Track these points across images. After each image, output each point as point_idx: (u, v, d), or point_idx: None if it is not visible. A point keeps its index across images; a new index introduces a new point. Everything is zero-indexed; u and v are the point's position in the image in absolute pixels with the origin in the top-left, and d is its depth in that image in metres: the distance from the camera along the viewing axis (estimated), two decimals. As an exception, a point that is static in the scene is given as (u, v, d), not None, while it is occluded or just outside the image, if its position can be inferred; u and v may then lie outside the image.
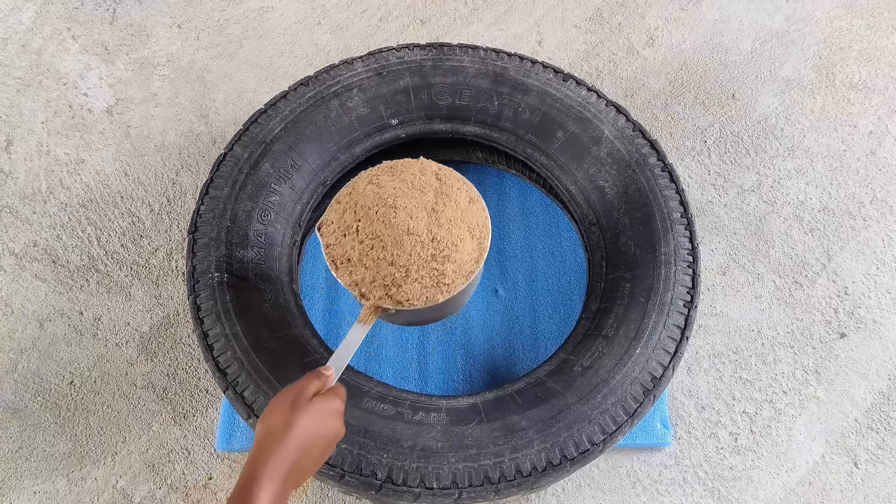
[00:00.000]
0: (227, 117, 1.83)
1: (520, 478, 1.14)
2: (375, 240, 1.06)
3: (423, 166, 1.15)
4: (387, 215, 1.06)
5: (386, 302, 1.06)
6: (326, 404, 0.88)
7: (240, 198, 1.33)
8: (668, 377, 1.24)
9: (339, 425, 0.89)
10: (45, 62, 1.90)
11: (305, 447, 0.83)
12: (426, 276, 1.06)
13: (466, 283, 1.09)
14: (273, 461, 0.80)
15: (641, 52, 1.93)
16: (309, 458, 0.84)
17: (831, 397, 1.50)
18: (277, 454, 0.81)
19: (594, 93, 1.47)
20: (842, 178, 1.73)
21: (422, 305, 1.06)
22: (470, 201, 1.13)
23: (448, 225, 1.08)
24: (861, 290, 1.60)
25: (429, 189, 1.11)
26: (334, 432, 0.88)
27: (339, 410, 0.89)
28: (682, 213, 1.37)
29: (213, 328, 1.22)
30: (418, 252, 1.05)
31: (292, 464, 0.82)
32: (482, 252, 1.11)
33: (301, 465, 0.83)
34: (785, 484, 1.42)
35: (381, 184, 1.11)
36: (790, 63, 1.90)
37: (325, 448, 0.87)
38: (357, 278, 1.08)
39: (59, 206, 1.69)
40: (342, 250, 1.09)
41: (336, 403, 0.89)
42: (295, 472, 0.82)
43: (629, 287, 1.32)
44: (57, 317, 1.57)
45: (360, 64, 1.46)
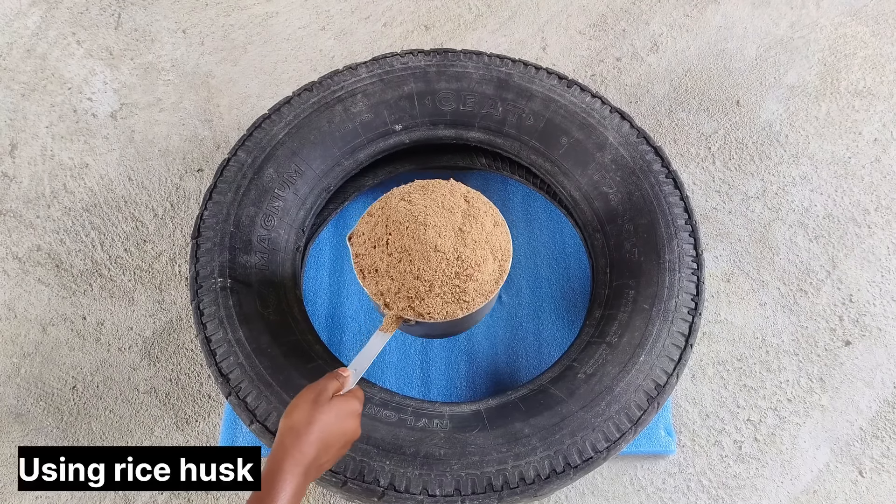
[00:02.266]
0: (230, 122, 1.83)
1: (523, 485, 1.14)
2: (403, 253, 1.11)
3: (452, 188, 1.20)
4: (416, 231, 1.11)
5: (408, 313, 1.10)
6: (345, 405, 0.93)
7: (243, 203, 1.34)
8: (673, 385, 1.24)
9: (357, 425, 0.95)
10: (50, 67, 1.90)
11: (325, 443, 0.89)
12: (448, 292, 1.11)
13: (485, 303, 1.14)
14: (295, 455, 0.86)
15: (646, 59, 1.92)
16: (327, 454, 0.90)
17: (836, 405, 1.49)
18: (299, 449, 0.86)
19: (598, 99, 1.47)
20: (846, 186, 1.73)
21: (441, 319, 1.11)
22: (495, 224, 1.18)
23: (473, 245, 1.13)
24: (866, 297, 1.59)
25: (457, 210, 1.16)
26: (352, 431, 0.94)
27: (356, 411, 0.95)
28: (687, 219, 1.37)
29: (216, 333, 1.22)
30: (443, 269, 1.10)
31: (312, 458, 0.87)
32: (502, 274, 1.16)
33: (319, 460, 0.88)
34: (789, 493, 1.41)
35: (413, 201, 1.16)
36: (795, 70, 1.90)
37: (343, 446, 0.93)
38: (383, 288, 1.13)
39: (62, 211, 1.69)
40: (371, 261, 1.14)
41: (354, 405, 0.95)
42: (314, 466, 0.88)
43: (633, 294, 1.32)
44: (60, 321, 1.57)
45: (365, 69, 1.46)
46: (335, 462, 0.95)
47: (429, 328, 1.19)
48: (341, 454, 0.94)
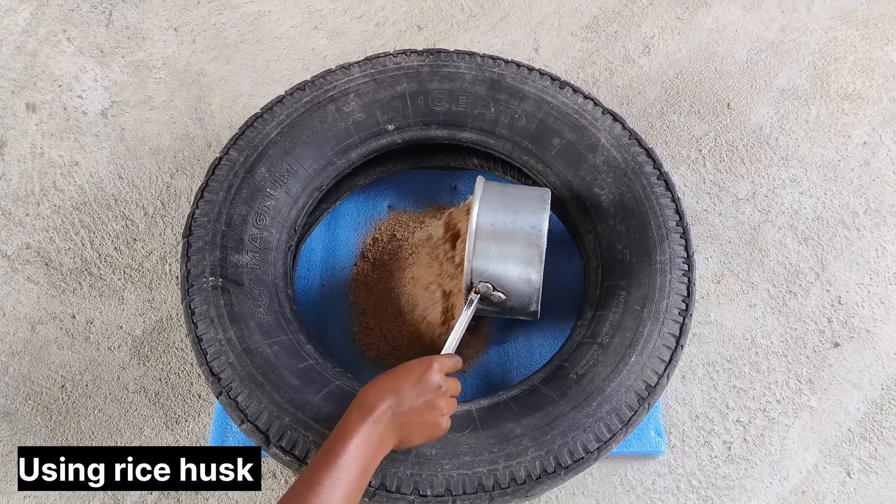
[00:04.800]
0: (222, 121, 1.83)
1: (514, 485, 1.14)
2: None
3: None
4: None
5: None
6: (455, 388, 1.04)
7: (235, 202, 1.33)
8: (663, 386, 1.25)
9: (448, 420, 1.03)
10: (40, 64, 1.89)
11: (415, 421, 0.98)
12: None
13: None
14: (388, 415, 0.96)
15: (637, 61, 1.93)
16: (415, 428, 0.99)
17: (825, 407, 1.50)
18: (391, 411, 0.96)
19: (591, 100, 1.47)
20: (836, 188, 1.74)
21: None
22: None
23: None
24: (854, 299, 1.61)
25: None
26: (445, 424, 1.02)
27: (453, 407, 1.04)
28: (678, 221, 1.37)
29: (207, 333, 1.22)
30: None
31: (399, 425, 0.97)
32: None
33: (405, 429, 0.98)
34: (778, 493, 1.42)
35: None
36: (785, 73, 1.91)
37: (430, 432, 1.01)
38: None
39: (52, 209, 1.68)
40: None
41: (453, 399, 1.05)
42: (403, 429, 0.96)
43: (624, 295, 1.32)
44: (49, 320, 1.55)
45: (357, 69, 1.46)
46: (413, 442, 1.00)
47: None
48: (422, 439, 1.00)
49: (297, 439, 1.14)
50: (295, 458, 1.13)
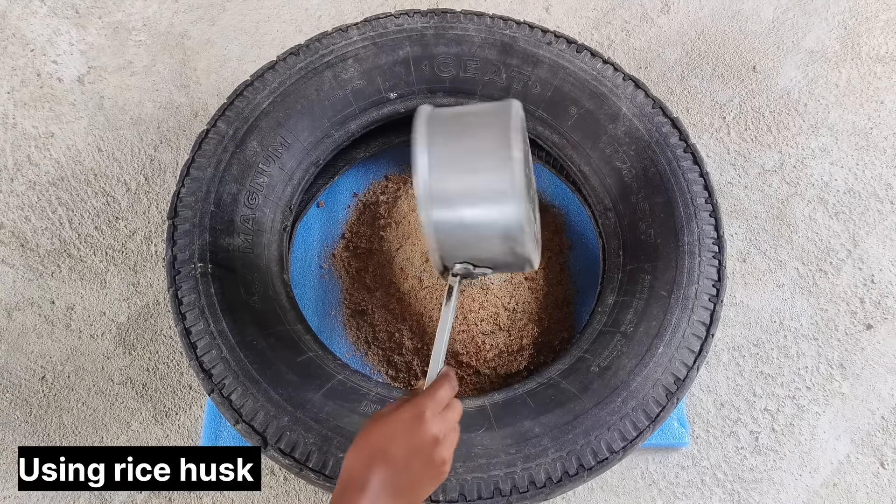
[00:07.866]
0: (209, 88, 1.70)
1: (533, 489, 1.06)
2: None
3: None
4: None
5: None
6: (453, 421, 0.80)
7: (224, 179, 1.23)
8: (693, 378, 1.15)
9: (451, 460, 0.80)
10: (11, 26, 1.75)
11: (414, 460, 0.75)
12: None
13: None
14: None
15: (656, 20, 1.80)
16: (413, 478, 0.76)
17: (857, 393, 1.42)
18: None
19: (611, 65, 1.36)
20: (868, 158, 1.63)
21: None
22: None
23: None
24: (888, 278, 1.51)
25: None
26: (448, 467, 0.79)
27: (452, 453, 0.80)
28: (707, 198, 1.27)
29: (197, 324, 1.12)
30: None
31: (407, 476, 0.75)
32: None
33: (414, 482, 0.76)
34: (808, 486, 1.34)
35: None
36: (813, 33, 1.79)
37: (434, 484, 0.79)
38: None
39: (27, 185, 1.57)
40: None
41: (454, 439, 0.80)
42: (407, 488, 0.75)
43: (650, 279, 1.22)
44: (26, 306, 1.45)
45: (356, 31, 1.34)
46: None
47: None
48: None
49: (298, 441, 1.05)
50: (295, 461, 1.05)
